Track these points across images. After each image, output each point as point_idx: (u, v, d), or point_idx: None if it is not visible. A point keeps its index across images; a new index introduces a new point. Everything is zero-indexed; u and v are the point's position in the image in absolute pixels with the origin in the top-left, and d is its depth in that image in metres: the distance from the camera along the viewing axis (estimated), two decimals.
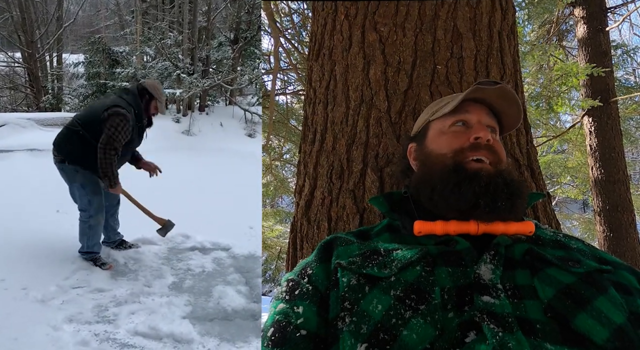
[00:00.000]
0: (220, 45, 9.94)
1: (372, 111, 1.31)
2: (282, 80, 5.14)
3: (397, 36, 1.35)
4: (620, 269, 0.75)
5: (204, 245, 3.30)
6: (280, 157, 6.34)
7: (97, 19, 13.01)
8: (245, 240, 3.41)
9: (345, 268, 0.76)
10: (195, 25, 9.07)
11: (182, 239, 3.34)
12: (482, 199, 0.77)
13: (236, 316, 2.42)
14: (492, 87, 0.87)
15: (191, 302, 2.51)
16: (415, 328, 0.63)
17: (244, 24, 9.78)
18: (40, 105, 10.76)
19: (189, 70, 8.59)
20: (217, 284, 2.73)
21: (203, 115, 8.95)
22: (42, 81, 11.46)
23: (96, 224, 2.75)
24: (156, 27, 9.49)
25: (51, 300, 2.38)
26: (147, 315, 2.33)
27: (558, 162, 6.75)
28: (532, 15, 4.48)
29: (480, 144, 0.83)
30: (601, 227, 4.72)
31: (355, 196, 1.26)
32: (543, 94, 4.83)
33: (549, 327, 0.62)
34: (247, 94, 11.01)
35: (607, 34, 5.06)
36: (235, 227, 3.54)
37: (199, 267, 2.95)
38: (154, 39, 8.93)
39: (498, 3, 1.42)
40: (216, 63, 9.93)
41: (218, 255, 3.17)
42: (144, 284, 2.67)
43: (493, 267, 0.70)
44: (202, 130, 8.15)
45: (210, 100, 9.62)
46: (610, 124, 4.81)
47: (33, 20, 11.46)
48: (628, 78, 8.13)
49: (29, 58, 11.29)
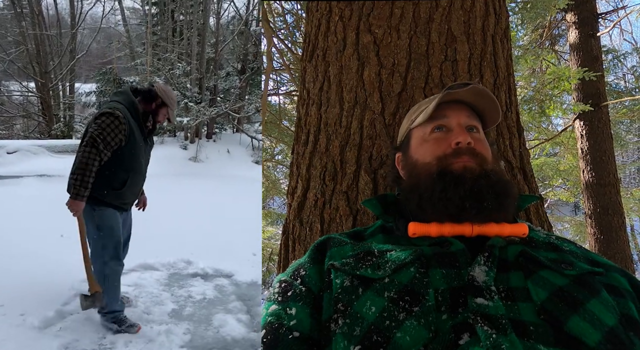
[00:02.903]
0: (227, 75, 10.31)
1: (366, 113, 1.31)
2: (275, 80, 5.12)
3: (392, 38, 1.35)
4: (612, 271, 0.75)
5: (206, 271, 3.29)
6: (272, 158, 6.32)
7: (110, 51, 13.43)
8: (249, 266, 3.40)
9: (339, 269, 0.76)
10: (204, 57, 9.38)
11: (184, 265, 3.35)
12: (467, 202, 0.78)
13: (235, 346, 2.37)
14: (463, 89, 0.88)
15: (190, 330, 2.47)
16: (408, 330, 0.63)
17: (250, 55, 10.17)
18: (52, 132, 11.10)
19: (197, 99, 8.84)
20: (218, 312, 2.69)
21: (210, 143, 9.17)
22: (54, 110, 11.84)
23: (111, 274, 2.31)
24: (166, 58, 9.84)
25: (49, 327, 2.34)
26: (145, 344, 2.28)
27: (550, 164, 6.80)
28: (525, 20, 4.51)
29: (462, 149, 0.84)
30: (592, 230, 4.77)
31: (348, 198, 1.25)
32: (536, 98, 4.86)
33: (542, 329, 0.62)
34: (254, 122, 11.33)
35: (598, 39, 5.11)
36: (238, 254, 3.56)
37: (200, 294, 2.92)
38: (163, 70, 9.22)
39: (492, 7, 1.43)
40: (224, 92, 10.28)
41: (220, 282, 3.15)
42: (143, 310, 2.62)
43: (487, 269, 0.70)
44: (210, 157, 8.34)
45: (218, 127, 9.92)
46: (601, 127, 4.86)
47: (47, 52, 11.92)
48: (618, 83, 8.21)
49: (42, 87, 11.70)
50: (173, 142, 8.88)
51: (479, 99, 0.91)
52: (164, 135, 8.98)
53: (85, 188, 2.12)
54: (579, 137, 5.01)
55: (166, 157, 7.42)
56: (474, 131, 0.90)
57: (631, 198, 7.60)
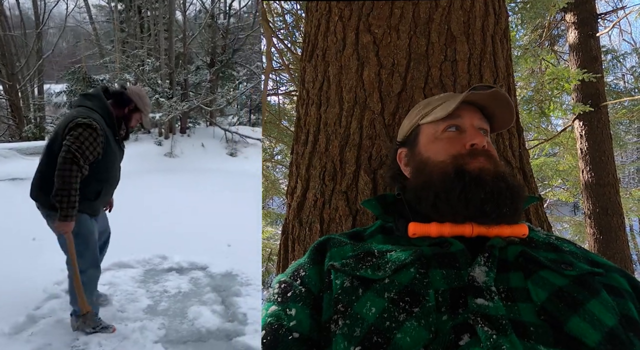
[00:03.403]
0: (197, 69, 10.28)
1: (366, 113, 1.31)
2: (275, 80, 5.12)
3: (391, 38, 1.35)
4: (611, 271, 0.75)
5: (181, 265, 3.30)
6: (271, 158, 6.32)
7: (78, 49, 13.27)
8: (223, 257, 3.41)
9: (339, 270, 0.76)
10: (172, 51, 9.30)
11: (159, 260, 3.34)
12: (487, 206, 0.77)
13: (210, 337, 2.38)
14: (486, 92, 0.87)
15: (165, 325, 2.46)
16: (409, 331, 0.63)
17: (219, 48, 10.13)
18: (23, 135, 10.83)
19: (168, 94, 8.78)
20: (193, 305, 2.70)
21: (185, 137, 9.13)
22: (24, 111, 11.56)
23: (89, 281, 2.29)
24: (134, 54, 9.73)
25: (19, 333, 2.29)
26: (119, 342, 2.25)
27: (549, 165, 6.81)
28: (525, 20, 4.50)
29: (477, 150, 0.83)
30: (591, 230, 4.77)
31: (348, 198, 1.25)
32: (535, 98, 4.87)
33: (542, 330, 0.62)
34: (227, 115, 11.27)
35: (598, 40, 5.12)
36: (213, 246, 3.57)
37: (175, 288, 2.92)
38: (133, 66, 9.15)
39: (491, 7, 1.42)
40: (195, 86, 10.23)
41: (195, 275, 3.17)
42: (117, 309, 2.59)
43: (487, 270, 0.70)
44: (184, 152, 8.28)
45: (192, 122, 9.88)
46: (601, 128, 4.87)
47: (13, 53, 11.66)
48: (618, 83, 8.24)
49: (10, 90, 11.38)
50: (147, 138, 8.79)
51: (495, 103, 0.90)
52: (137, 132, 8.89)
53: (72, 208, 2.06)
54: (578, 137, 5.02)
55: (141, 154, 7.35)
56: (485, 134, 0.89)
57: (630, 198, 7.62)
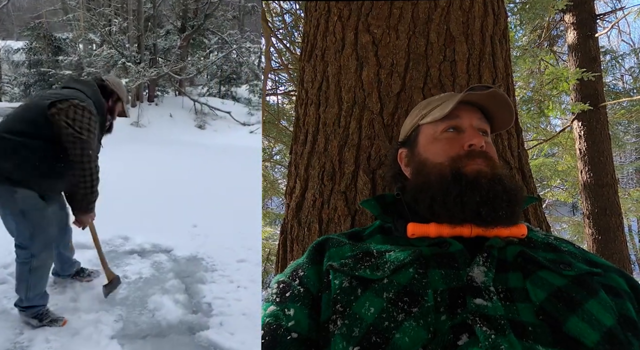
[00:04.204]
0: (167, 34, 9.69)
1: (365, 113, 1.31)
2: (274, 80, 5.11)
3: (390, 38, 1.35)
4: (610, 271, 0.75)
5: (144, 247, 3.04)
6: (270, 158, 6.31)
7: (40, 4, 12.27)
8: (188, 239, 3.18)
9: (338, 270, 0.75)
10: (141, 12, 8.75)
11: (121, 242, 3.06)
12: (483, 209, 0.77)
13: (171, 331, 2.16)
14: (484, 92, 0.87)
15: (123, 316, 2.22)
16: (407, 331, 0.63)
17: (190, 12, 9.55)
18: None
19: (136, 59, 8.32)
20: (154, 293, 2.46)
21: (152, 106, 8.66)
22: None
23: (40, 266, 2.03)
24: (101, 13, 9.15)
25: None
26: (70, 337, 1.98)
27: (548, 165, 6.82)
28: (524, 21, 4.51)
29: (475, 151, 0.83)
30: (590, 230, 4.78)
31: (346, 198, 1.25)
32: (534, 98, 4.87)
33: (540, 330, 0.62)
34: (197, 85, 10.60)
35: (597, 40, 5.13)
36: (177, 226, 3.36)
37: (136, 273, 2.67)
38: (98, 26, 8.64)
39: (490, 8, 1.43)
40: (164, 52, 9.65)
41: (158, 259, 2.90)
42: (70, 298, 2.31)
43: (486, 270, 0.70)
44: (152, 122, 7.91)
45: (160, 90, 9.36)
46: (599, 128, 4.88)
47: None
48: (616, 83, 8.26)
49: None
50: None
51: (494, 103, 0.90)
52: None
53: (96, 199, 2.05)
54: (577, 137, 5.03)
55: None
56: (484, 135, 0.89)
57: (629, 198, 7.63)
